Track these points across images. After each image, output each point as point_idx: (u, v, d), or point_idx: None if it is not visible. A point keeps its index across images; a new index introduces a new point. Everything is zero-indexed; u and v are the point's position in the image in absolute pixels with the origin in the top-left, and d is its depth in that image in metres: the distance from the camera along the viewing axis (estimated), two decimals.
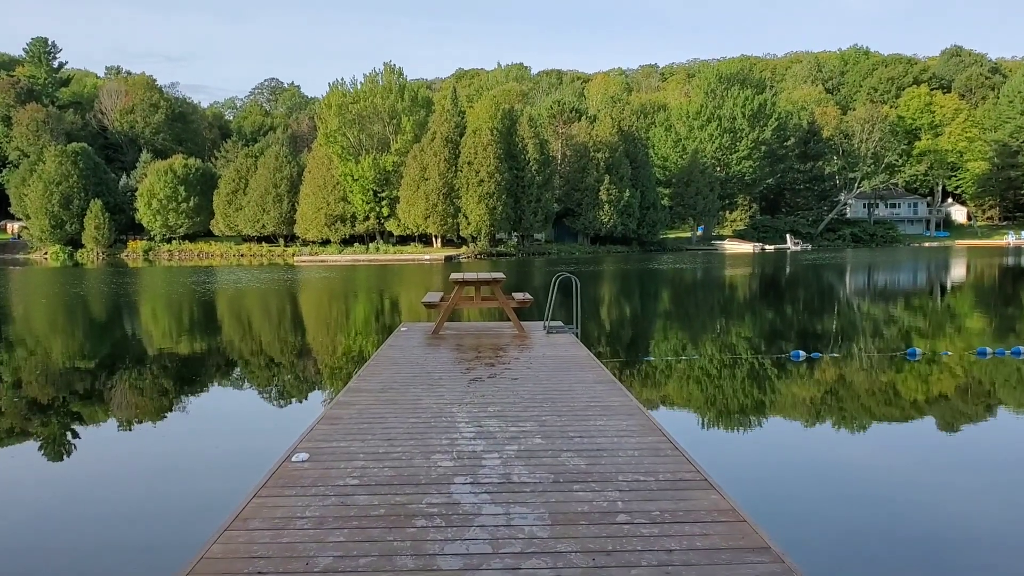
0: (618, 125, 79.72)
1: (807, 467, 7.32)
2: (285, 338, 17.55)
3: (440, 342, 11.47)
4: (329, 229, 76.58)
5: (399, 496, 4.63)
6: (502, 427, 6.29)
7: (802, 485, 6.72)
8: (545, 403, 7.17)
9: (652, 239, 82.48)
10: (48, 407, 10.36)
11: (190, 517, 5.89)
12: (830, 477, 6.95)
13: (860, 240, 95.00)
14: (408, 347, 10.98)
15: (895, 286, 32.92)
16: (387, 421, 6.53)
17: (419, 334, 12.37)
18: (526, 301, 12.42)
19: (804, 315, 22.01)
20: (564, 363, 9.44)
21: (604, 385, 8.00)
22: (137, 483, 6.92)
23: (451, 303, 12.32)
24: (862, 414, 9.72)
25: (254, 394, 11.40)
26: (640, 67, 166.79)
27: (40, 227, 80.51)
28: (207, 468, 7.35)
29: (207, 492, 6.51)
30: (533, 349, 10.64)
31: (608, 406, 7.01)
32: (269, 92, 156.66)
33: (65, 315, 23.49)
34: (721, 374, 12.19)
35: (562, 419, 6.55)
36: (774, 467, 7.30)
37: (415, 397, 7.51)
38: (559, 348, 10.69)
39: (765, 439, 8.57)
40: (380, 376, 8.67)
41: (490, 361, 9.62)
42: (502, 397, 7.46)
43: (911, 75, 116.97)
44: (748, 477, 6.76)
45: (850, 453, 7.92)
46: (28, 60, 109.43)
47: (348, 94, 77.32)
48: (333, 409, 6.97)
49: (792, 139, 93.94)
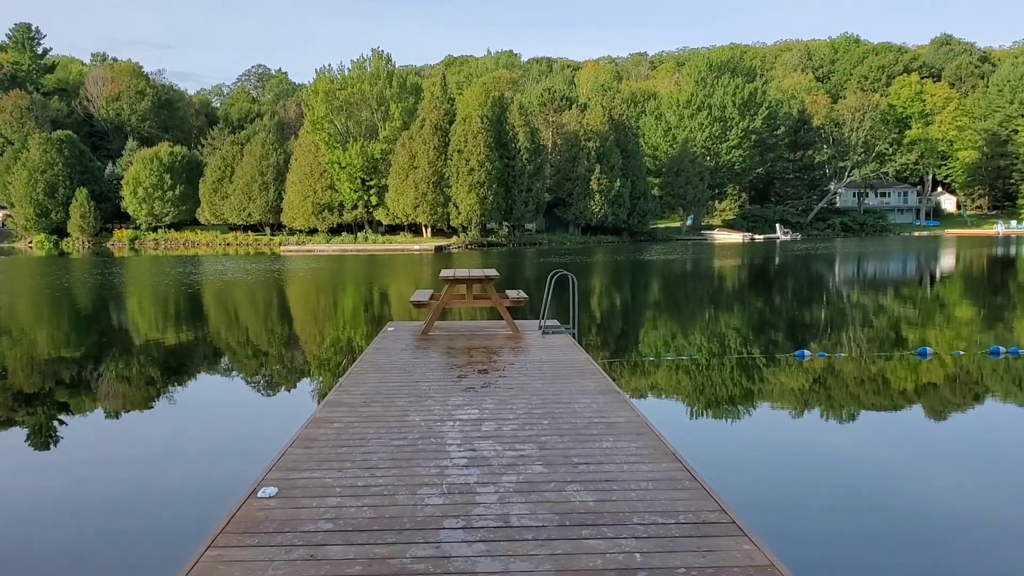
0: (609, 114, 78.89)
1: (836, 493, 6.67)
2: (267, 339, 16.84)
3: (429, 344, 10.79)
4: (316, 218, 75.48)
5: (379, 547, 3.96)
6: (498, 451, 5.62)
7: (838, 519, 6.06)
8: (545, 419, 6.51)
9: (642, 229, 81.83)
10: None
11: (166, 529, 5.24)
12: (867, 508, 6.30)
13: (850, 229, 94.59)
14: (395, 350, 10.29)
15: (890, 277, 32.42)
16: (368, 444, 5.86)
17: (407, 335, 11.67)
18: (520, 300, 11.71)
19: (801, 310, 21.44)
20: (563, 369, 8.78)
21: (607, 397, 7.34)
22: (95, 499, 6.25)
23: (441, 302, 11.61)
24: (891, 426, 9.12)
25: (228, 412, 10.74)
26: (630, 55, 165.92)
27: (25, 216, 79.18)
28: (168, 495, 6.68)
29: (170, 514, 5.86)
30: (529, 352, 9.97)
31: (614, 423, 6.35)
32: (256, 79, 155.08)
33: (50, 310, 22.71)
34: (725, 377, 11.58)
35: (564, 440, 5.89)
36: (800, 495, 6.62)
37: (401, 412, 6.82)
38: (556, 351, 10.02)
39: (784, 459, 7.94)
40: (364, 386, 7.98)
41: (483, 367, 8.95)
42: (497, 412, 6.79)
43: (901, 63, 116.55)
44: (776, 514, 6.02)
45: (883, 471, 7.30)
46: (11, 46, 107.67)
47: (335, 80, 76.16)
48: (309, 428, 6.28)
49: (782, 128, 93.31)
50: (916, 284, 29.42)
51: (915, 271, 36.12)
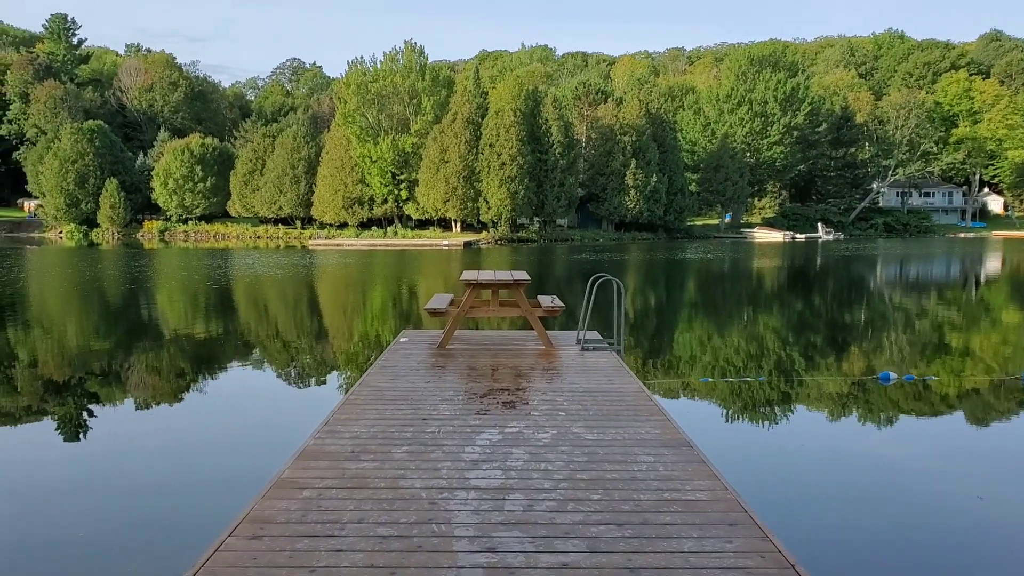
0: (646, 107, 76.66)
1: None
2: (290, 338, 15.23)
3: (447, 360, 9.05)
4: (347, 212, 74.17)
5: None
6: (528, 552, 3.84)
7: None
8: (593, 491, 4.70)
9: (679, 226, 79.51)
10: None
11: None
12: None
13: (893, 230, 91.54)
14: (405, 369, 8.55)
15: (951, 281, 30.15)
16: (344, 528, 4.11)
17: (422, 347, 9.93)
18: (555, 309, 9.90)
19: (867, 320, 19.38)
20: (611, 403, 6.96)
21: (676, 453, 5.48)
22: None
23: (462, 310, 9.82)
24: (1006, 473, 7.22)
25: (243, 408, 9.15)
26: (666, 50, 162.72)
27: (55, 206, 78.70)
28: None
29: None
30: (566, 376, 8.18)
31: (693, 502, 4.53)
32: (291, 72, 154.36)
33: (80, 302, 21.54)
34: (803, 407, 9.70)
35: (625, 532, 4.08)
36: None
37: (397, 472, 5.05)
38: (600, 376, 8.20)
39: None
40: (357, 423, 6.23)
41: (509, 398, 7.18)
42: (526, 475, 5.00)
43: (948, 60, 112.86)
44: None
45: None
46: (47, 36, 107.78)
47: (367, 73, 74.77)
48: (267, 499, 4.51)
49: (824, 125, 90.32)
50: (997, 296, 27.14)
51: (976, 276, 33.74)
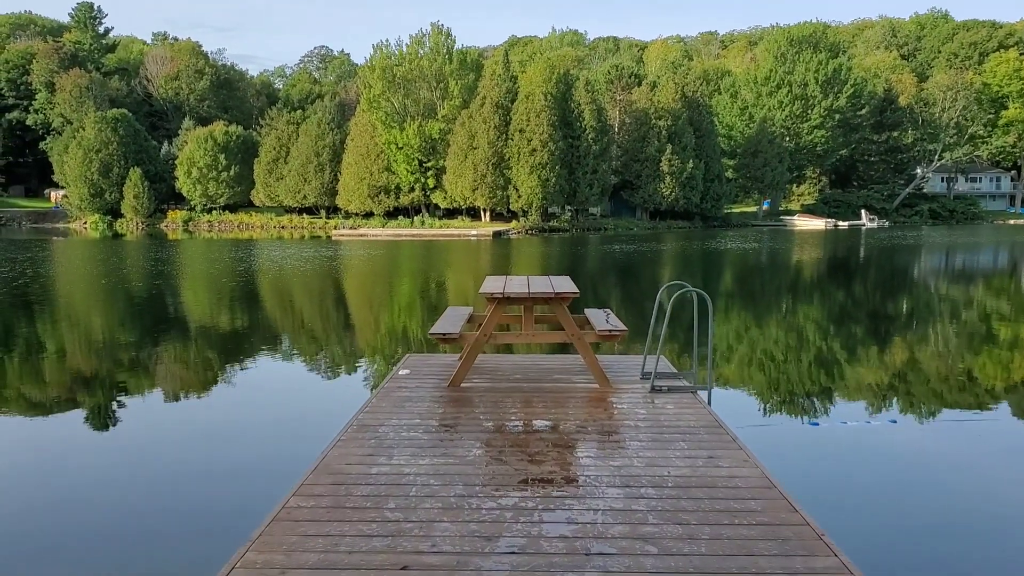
0: (681, 91, 73.73)
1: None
2: (309, 342, 13.13)
3: (459, 406, 6.81)
4: (372, 201, 72.06)
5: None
6: None
7: None
8: None
9: (716, 214, 76.61)
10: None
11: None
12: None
13: (939, 216, 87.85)
14: (400, 420, 6.33)
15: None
16: None
17: (428, 385, 7.62)
18: (616, 333, 7.36)
19: (964, 331, 16.75)
20: (708, 488, 4.71)
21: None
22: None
23: (483, 335, 7.48)
24: None
25: None
26: (699, 34, 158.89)
27: (79, 195, 77.54)
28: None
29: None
30: (634, 437, 5.89)
31: None
32: (319, 60, 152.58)
33: (105, 295, 19.71)
34: (973, 469, 7.38)
35: None
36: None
37: None
38: (685, 436, 5.90)
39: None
40: (313, 533, 4.05)
41: (549, 474, 4.94)
42: None
43: (995, 39, 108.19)
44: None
45: None
46: (74, 25, 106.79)
47: (393, 56, 72.60)
48: None
49: (866, 108, 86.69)
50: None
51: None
